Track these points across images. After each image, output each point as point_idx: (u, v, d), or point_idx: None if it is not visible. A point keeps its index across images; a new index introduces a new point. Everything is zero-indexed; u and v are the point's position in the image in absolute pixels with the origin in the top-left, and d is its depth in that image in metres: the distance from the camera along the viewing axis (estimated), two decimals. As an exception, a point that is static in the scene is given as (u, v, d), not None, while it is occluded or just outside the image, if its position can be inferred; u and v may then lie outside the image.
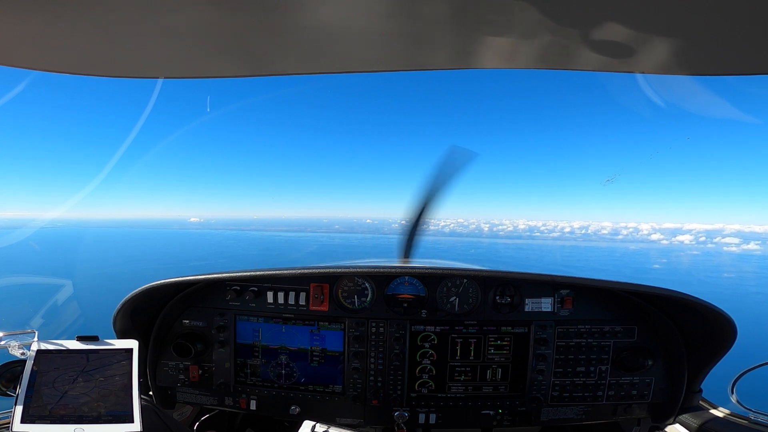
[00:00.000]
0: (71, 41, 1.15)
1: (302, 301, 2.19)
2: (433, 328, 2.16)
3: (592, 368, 2.14)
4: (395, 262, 2.77)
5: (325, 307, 2.19)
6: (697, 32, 1.01)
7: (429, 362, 2.16)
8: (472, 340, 2.15)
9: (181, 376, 2.24)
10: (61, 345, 1.70)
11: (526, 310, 2.16)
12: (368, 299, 2.20)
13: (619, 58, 1.18)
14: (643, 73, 1.28)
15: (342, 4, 0.97)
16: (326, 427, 1.72)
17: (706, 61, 1.15)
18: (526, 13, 0.94)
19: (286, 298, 2.18)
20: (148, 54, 1.27)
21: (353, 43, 1.15)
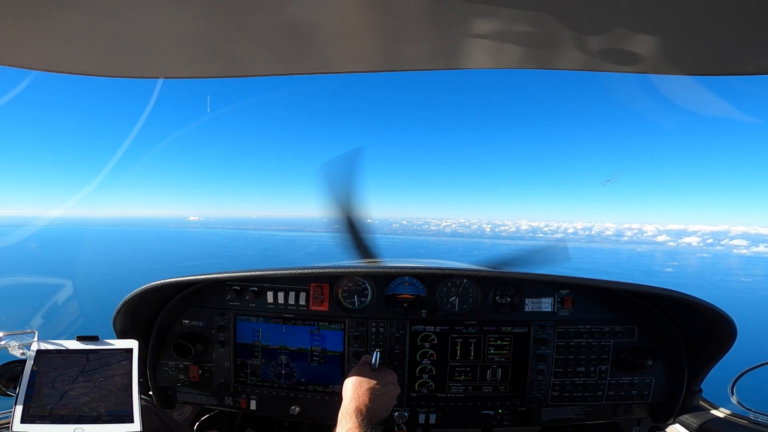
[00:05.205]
0: (71, 41, 1.16)
1: (302, 301, 2.19)
2: (433, 328, 2.15)
3: (592, 368, 2.13)
4: (396, 262, 2.76)
5: (325, 307, 2.19)
6: (696, 32, 1.00)
7: (429, 362, 2.16)
8: (472, 340, 2.14)
9: (181, 376, 2.25)
10: (61, 345, 1.71)
11: (526, 310, 2.16)
12: (368, 299, 2.19)
13: (618, 59, 1.17)
14: (643, 73, 1.27)
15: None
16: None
17: (705, 61, 1.15)
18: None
19: (286, 298, 2.19)
20: (148, 54, 1.28)
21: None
